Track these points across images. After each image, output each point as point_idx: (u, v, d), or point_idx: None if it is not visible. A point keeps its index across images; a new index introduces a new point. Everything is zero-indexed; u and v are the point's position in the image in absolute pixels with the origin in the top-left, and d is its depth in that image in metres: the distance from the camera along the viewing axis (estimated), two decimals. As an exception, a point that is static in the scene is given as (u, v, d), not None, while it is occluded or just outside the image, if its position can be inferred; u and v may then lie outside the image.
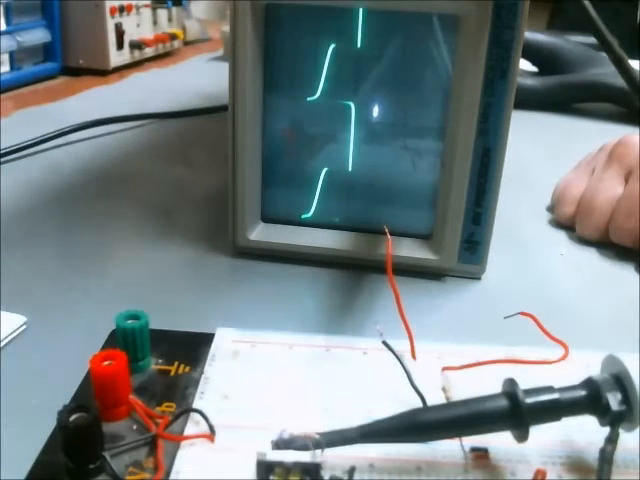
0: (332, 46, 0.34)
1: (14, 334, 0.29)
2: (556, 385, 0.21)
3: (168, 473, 0.21)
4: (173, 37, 0.99)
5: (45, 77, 0.82)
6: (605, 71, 0.68)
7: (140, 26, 0.91)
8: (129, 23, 0.87)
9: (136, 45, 0.89)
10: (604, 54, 0.32)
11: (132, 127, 0.62)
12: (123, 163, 0.53)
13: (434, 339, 0.29)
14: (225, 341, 0.28)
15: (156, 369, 0.26)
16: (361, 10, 0.33)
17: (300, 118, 0.36)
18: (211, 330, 0.29)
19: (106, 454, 0.21)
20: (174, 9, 1.00)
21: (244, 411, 0.24)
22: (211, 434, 0.22)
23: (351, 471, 0.21)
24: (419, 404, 0.23)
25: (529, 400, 0.21)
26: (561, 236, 0.42)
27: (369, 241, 0.37)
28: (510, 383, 0.21)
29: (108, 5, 0.82)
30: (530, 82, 0.71)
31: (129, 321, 0.26)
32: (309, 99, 0.35)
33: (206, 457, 0.22)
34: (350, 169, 0.36)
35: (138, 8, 0.89)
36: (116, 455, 0.22)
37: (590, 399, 0.21)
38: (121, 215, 0.43)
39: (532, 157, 0.56)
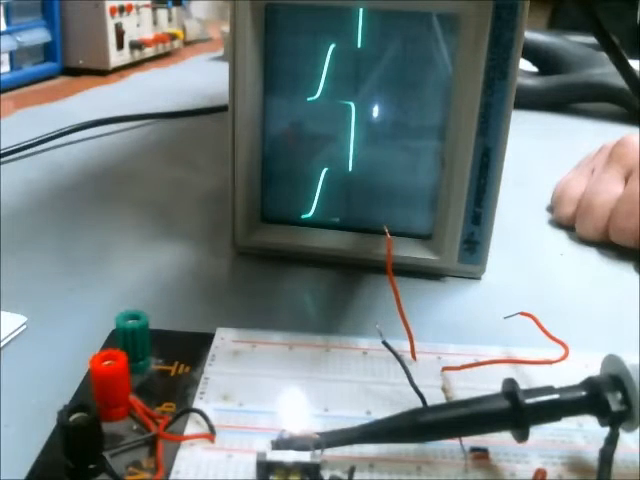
0: (332, 46, 0.34)
1: (14, 334, 0.29)
2: (556, 385, 0.21)
3: (168, 473, 0.21)
4: (173, 37, 0.99)
5: (45, 77, 0.82)
6: (605, 71, 0.68)
7: (140, 26, 0.91)
8: (129, 23, 0.87)
9: (136, 45, 0.89)
10: (604, 54, 0.32)
11: (132, 127, 0.62)
12: (123, 163, 0.53)
13: (434, 339, 0.29)
14: (225, 341, 0.28)
15: (156, 369, 0.26)
16: (361, 10, 0.33)
17: (300, 118, 0.36)
18: (211, 330, 0.29)
19: (106, 454, 0.21)
20: (174, 9, 1.00)
21: (244, 411, 0.24)
22: (211, 434, 0.23)
23: (351, 471, 0.21)
24: (419, 404, 0.23)
25: (529, 400, 0.21)
26: (561, 236, 0.42)
27: (369, 241, 0.37)
28: (510, 383, 0.21)
29: (108, 5, 0.82)
30: (530, 82, 0.71)
31: (129, 321, 0.26)
32: (309, 99, 0.35)
33: (206, 457, 0.22)
34: (350, 169, 0.36)
35: (138, 8, 0.89)
36: (116, 455, 0.22)
37: (590, 399, 0.21)
38: (121, 215, 0.43)
39: (532, 157, 0.56)
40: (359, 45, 0.34)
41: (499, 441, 0.22)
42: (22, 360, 0.28)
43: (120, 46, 0.86)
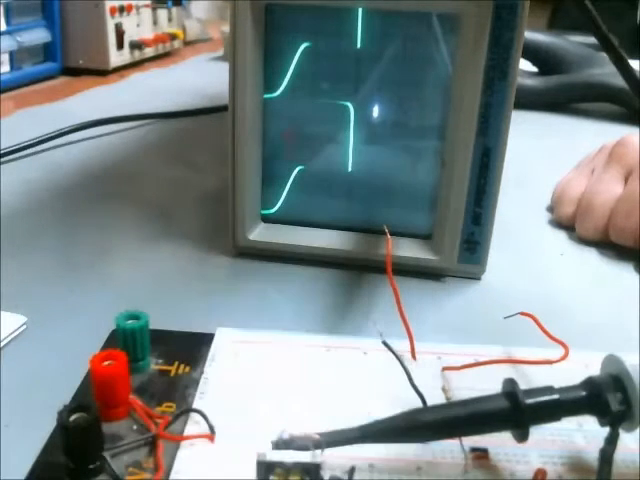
0: (332, 46, 0.34)
1: (14, 334, 0.29)
2: (556, 385, 0.21)
3: (168, 473, 0.21)
4: (173, 37, 0.99)
5: (45, 77, 0.82)
6: (605, 71, 0.68)
7: (140, 26, 0.91)
8: (129, 23, 0.87)
9: (136, 45, 0.89)
10: (604, 54, 0.32)
11: (132, 127, 0.62)
12: (123, 163, 0.53)
13: (434, 339, 0.29)
14: (225, 341, 0.28)
15: (156, 369, 0.26)
16: (361, 10, 0.33)
17: (300, 118, 0.36)
18: (211, 330, 0.29)
19: (106, 454, 0.21)
20: (174, 9, 1.00)
21: (244, 411, 0.24)
22: (211, 434, 0.22)
23: (351, 471, 0.21)
24: (419, 404, 0.23)
25: (529, 400, 0.21)
26: (561, 236, 0.42)
27: (369, 241, 0.37)
28: (510, 383, 0.21)
29: (108, 5, 0.82)
30: (530, 82, 0.71)
31: (129, 321, 0.26)
32: (309, 99, 0.35)
33: (206, 457, 0.22)
34: (350, 169, 0.36)
35: (138, 8, 0.89)
36: (116, 455, 0.22)
37: (590, 399, 0.21)
38: (121, 215, 0.43)
39: (532, 157, 0.56)
40: (359, 45, 0.34)
41: (499, 441, 0.22)
42: (22, 360, 0.28)
43: (120, 46, 0.86)
